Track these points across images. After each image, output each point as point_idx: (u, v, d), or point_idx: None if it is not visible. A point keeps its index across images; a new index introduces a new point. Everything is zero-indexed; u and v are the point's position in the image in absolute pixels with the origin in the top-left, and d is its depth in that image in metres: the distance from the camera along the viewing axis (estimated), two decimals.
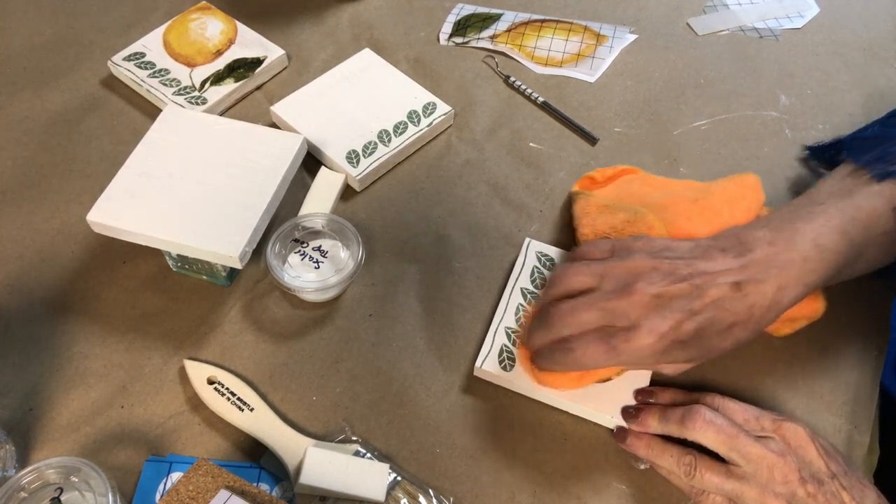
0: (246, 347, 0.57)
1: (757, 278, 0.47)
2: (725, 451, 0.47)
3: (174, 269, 0.61)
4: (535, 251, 0.61)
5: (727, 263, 0.48)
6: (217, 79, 0.73)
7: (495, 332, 0.57)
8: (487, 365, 0.55)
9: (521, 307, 0.58)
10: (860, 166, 0.53)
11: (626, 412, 0.52)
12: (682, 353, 0.47)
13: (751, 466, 0.46)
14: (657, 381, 0.55)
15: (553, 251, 0.61)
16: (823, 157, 0.67)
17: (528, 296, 0.59)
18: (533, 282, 0.60)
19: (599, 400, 0.53)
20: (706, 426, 0.47)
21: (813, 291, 0.50)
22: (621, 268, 0.50)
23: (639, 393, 0.53)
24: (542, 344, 0.51)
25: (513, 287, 0.59)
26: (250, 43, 0.76)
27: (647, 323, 0.46)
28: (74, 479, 0.46)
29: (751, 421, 0.49)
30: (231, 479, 0.48)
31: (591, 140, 0.71)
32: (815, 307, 0.56)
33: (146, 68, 0.73)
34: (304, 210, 0.63)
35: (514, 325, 0.57)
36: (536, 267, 0.60)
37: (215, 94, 0.71)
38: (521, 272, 0.60)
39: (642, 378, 0.54)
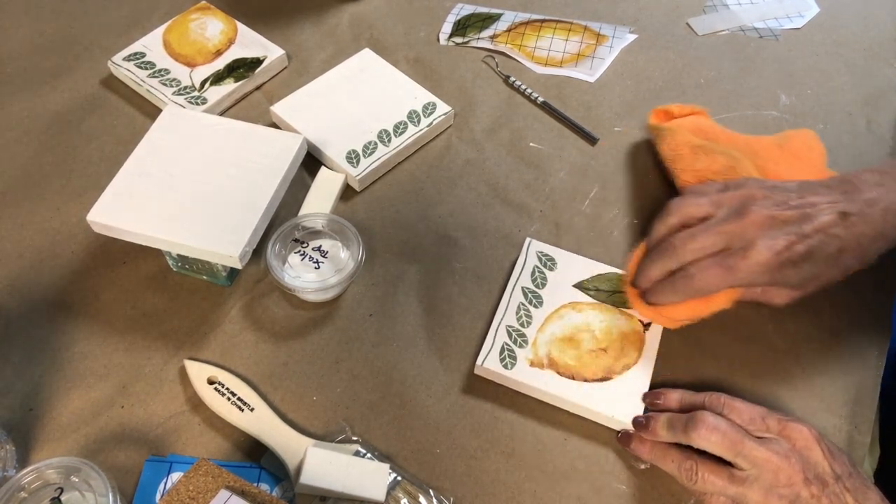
0: (246, 347, 0.57)
1: (863, 212, 0.50)
2: (731, 456, 0.47)
3: (174, 269, 0.61)
4: (535, 251, 0.61)
5: (834, 197, 0.51)
6: (217, 79, 0.73)
7: (496, 331, 0.57)
8: (489, 363, 0.55)
9: (522, 306, 0.58)
10: None
11: (636, 421, 0.52)
12: (794, 273, 0.49)
13: (755, 470, 0.46)
14: (659, 383, 0.55)
15: (553, 251, 0.61)
16: None
17: (530, 295, 0.59)
18: (534, 281, 0.60)
19: (600, 400, 0.53)
20: (710, 433, 0.48)
21: None
22: (736, 196, 0.52)
23: (646, 396, 0.54)
24: (659, 275, 0.53)
25: (514, 286, 0.59)
26: (250, 43, 0.76)
27: (763, 241, 0.49)
28: (75, 479, 0.46)
29: (756, 420, 0.49)
30: (231, 479, 0.48)
31: (591, 140, 0.71)
32: None
33: (146, 68, 0.73)
34: (304, 210, 0.63)
35: (515, 323, 0.57)
36: (537, 267, 0.60)
37: (215, 94, 0.71)
38: (521, 272, 0.60)
39: (643, 381, 0.55)
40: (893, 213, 0.50)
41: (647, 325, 0.57)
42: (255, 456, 0.52)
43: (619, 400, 0.53)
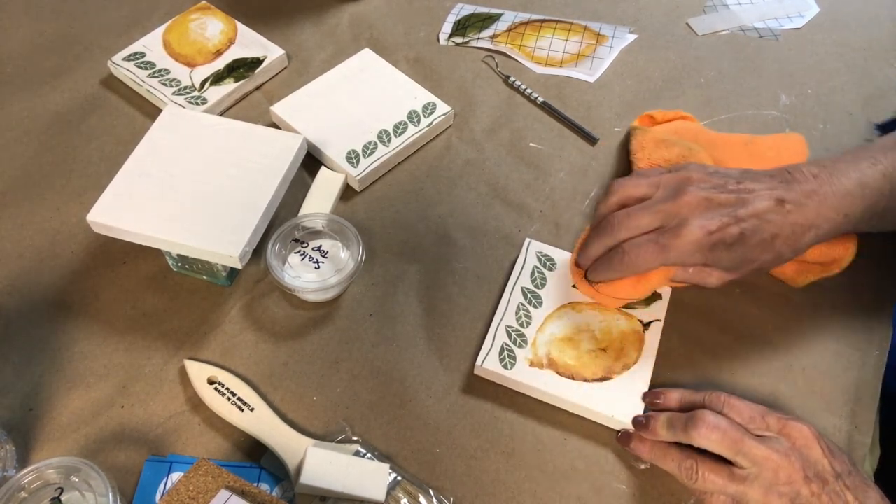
0: (246, 347, 0.57)
1: (799, 201, 0.51)
2: (731, 454, 0.47)
3: (174, 269, 0.61)
4: (535, 251, 0.61)
5: (772, 185, 0.52)
6: (217, 79, 0.73)
7: (496, 331, 0.57)
8: (488, 363, 0.55)
9: (521, 306, 0.58)
10: None
11: (636, 421, 0.52)
12: (726, 255, 0.50)
13: (755, 468, 0.46)
14: (659, 384, 0.55)
15: (553, 251, 0.61)
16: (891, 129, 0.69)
17: (529, 295, 0.59)
18: (533, 281, 0.60)
19: (600, 400, 0.53)
20: (710, 431, 0.48)
21: (851, 226, 0.52)
22: (675, 178, 0.53)
23: (646, 395, 0.54)
24: (598, 253, 0.54)
25: (514, 287, 0.59)
26: (250, 43, 0.76)
27: (696, 220, 0.49)
28: (75, 479, 0.46)
29: (756, 419, 0.49)
30: (231, 479, 0.48)
31: (591, 140, 0.71)
32: (838, 255, 0.58)
33: (146, 68, 0.73)
34: (304, 210, 0.63)
35: (515, 324, 0.57)
36: (537, 267, 0.60)
37: (215, 94, 0.71)
38: (521, 272, 0.60)
39: (642, 380, 0.55)
40: (827, 205, 0.51)
41: (647, 325, 0.57)
42: (255, 456, 0.52)
43: (618, 400, 0.53)
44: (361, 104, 0.70)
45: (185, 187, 0.58)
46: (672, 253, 0.50)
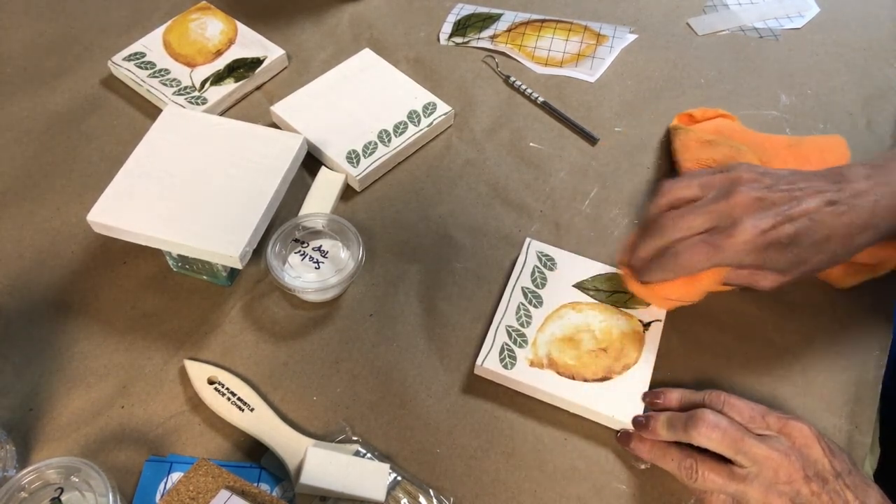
0: (246, 347, 0.57)
1: (852, 202, 0.50)
2: (731, 453, 0.47)
3: (174, 269, 0.61)
4: (535, 251, 0.61)
5: (824, 185, 0.51)
6: (217, 79, 0.73)
7: (496, 331, 0.57)
8: (489, 363, 0.55)
9: (522, 306, 0.58)
10: None
11: (636, 421, 0.52)
12: (779, 256, 0.50)
13: (755, 467, 0.46)
14: (659, 383, 0.55)
15: (553, 251, 0.61)
16: None
17: (530, 295, 0.59)
18: (534, 281, 0.60)
19: (600, 400, 0.53)
20: (710, 430, 0.48)
21: None
22: (726, 178, 0.53)
23: (646, 395, 0.54)
24: (649, 254, 0.53)
25: (514, 286, 0.59)
26: (250, 43, 0.76)
27: (749, 220, 0.49)
28: (75, 479, 0.46)
29: (756, 419, 0.49)
30: (231, 480, 0.47)
31: (592, 140, 0.71)
32: (886, 256, 0.58)
33: (146, 68, 0.73)
34: (304, 210, 0.63)
35: (515, 323, 0.57)
36: (537, 267, 0.60)
37: (215, 94, 0.71)
38: (521, 272, 0.60)
39: (642, 380, 0.55)
40: (882, 206, 0.50)
41: (647, 325, 0.57)
42: (255, 456, 0.52)
43: (619, 400, 0.53)
44: (361, 104, 0.70)
45: (185, 187, 0.58)
46: (725, 253, 0.49)
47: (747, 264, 0.51)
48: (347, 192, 0.67)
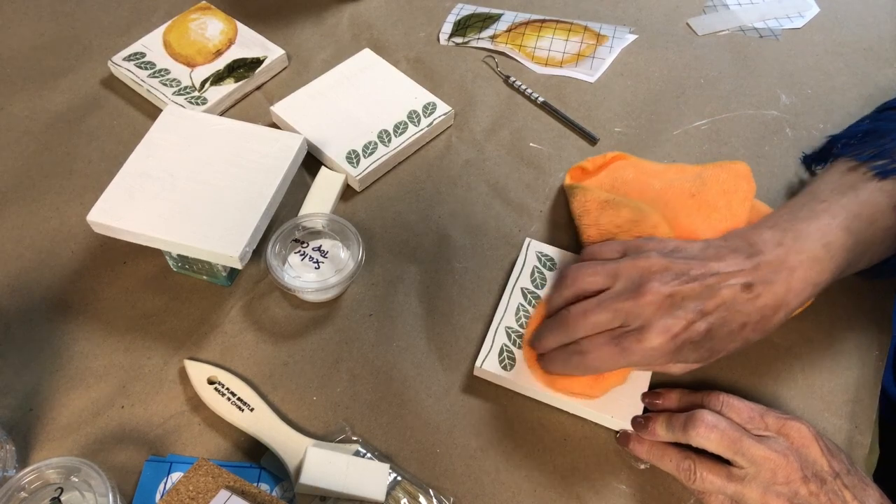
0: (246, 347, 0.57)
1: (768, 279, 0.48)
2: (729, 454, 0.47)
3: (174, 270, 0.61)
4: (535, 251, 0.61)
5: (739, 264, 0.49)
6: (217, 79, 0.73)
7: (495, 332, 0.57)
8: (488, 364, 0.55)
9: (521, 307, 0.58)
10: (860, 162, 0.54)
11: (635, 421, 0.52)
12: (692, 353, 0.48)
13: (754, 468, 0.46)
14: (659, 383, 0.55)
15: (553, 251, 0.61)
16: (819, 160, 0.66)
17: (529, 296, 0.59)
18: (533, 282, 0.60)
19: (600, 400, 0.53)
20: (709, 431, 0.47)
21: (821, 290, 0.50)
22: (634, 267, 0.50)
23: (646, 395, 0.54)
24: (553, 346, 0.52)
25: (513, 287, 0.59)
26: (250, 43, 0.76)
27: (659, 323, 0.47)
28: (75, 479, 0.46)
29: (755, 419, 0.49)
30: (231, 480, 0.48)
31: (592, 140, 0.71)
32: None
33: (146, 68, 0.73)
34: (304, 210, 0.63)
35: (514, 324, 0.57)
36: (537, 267, 0.60)
37: (215, 94, 0.71)
38: (521, 272, 0.60)
39: (643, 380, 0.54)
40: (796, 278, 0.48)
41: None
42: (255, 456, 0.52)
43: (618, 400, 0.53)
44: (361, 104, 0.70)
45: (185, 187, 0.58)
46: (634, 357, 0.47)
47: (657, 366, 0.50)
48: (347, 192, 0.67)
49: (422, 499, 0.50)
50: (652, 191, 0.62)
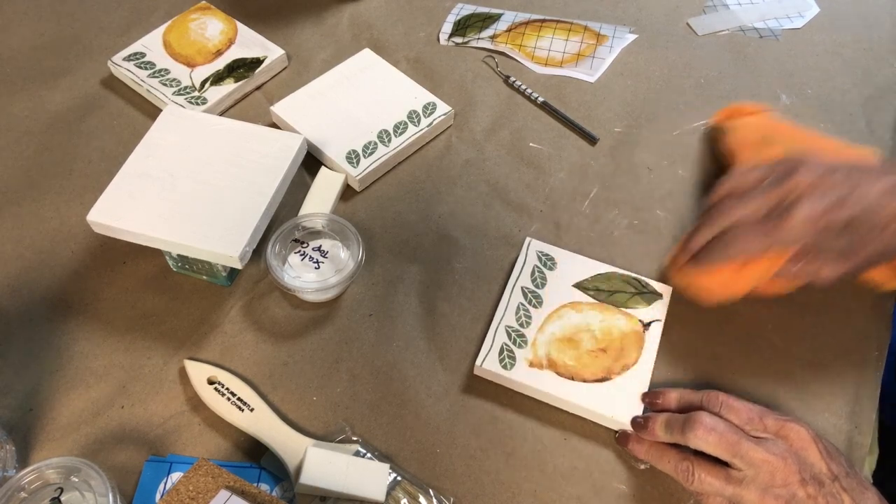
0: (246, 347, 0.57)
1: None
2: (728, 456, 0.47)
3: (174, 270, 0.61)
4: (535, 250, 0.61)
5: (885, 171, 0.51)
6: (217, 79, 0.73)
7: (496, 331, 0.57)
8: (488, 363, 0.55)
9: (521, 306, 0.58)
10: None
11: (635, 422, 0.52)
12: (835, 241, 0.50)
13: (752, 470, 0.46)
14: (658, 383, 0.55)
15: (553, 251, 0.61)
16: None
17: (529, 295, 0.59)
18: (534, 281, 0.60)
19: (599, 400, 0.53)
20: (707, 434, 0.47)
21: None
22: (786, 164, 0.53)
23: (646, 396, 0.54)
24: (704, 240, 0.54)
25: (513, 286, 0.59)
26: (250, 43, 0.76)
27: (804, 202, 0.49)
28: (75, 479, 0.46)
29: (754, 420, 0.49)
30: (231, 480, 0.48)
31: (592, 140, 0.71)
32: None
33: (146, 68, 0.73)
34: (304, 210, 0.63)
35: (514, 323, 0.57)
36: (537, 266, 0.60)
37: (215, 94, 0.71)
38: (521, 271, 0.60)
39: (642, 381, 0.55)
40: None
41: (647, 325, 0.57)
42: (255, 456, 0.52)
43: (618, 400, 0.53)
44: (361, 104, 0.70)
45: (185, 187, 0.58)
46: (780, 234, 0.50)
47: (801, 243, 0.51)
48: (347, 192, 0.67)
49: (422, 499, 0.50)
50: (803, 137, 0.65)
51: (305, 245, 0.61)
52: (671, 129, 0.72)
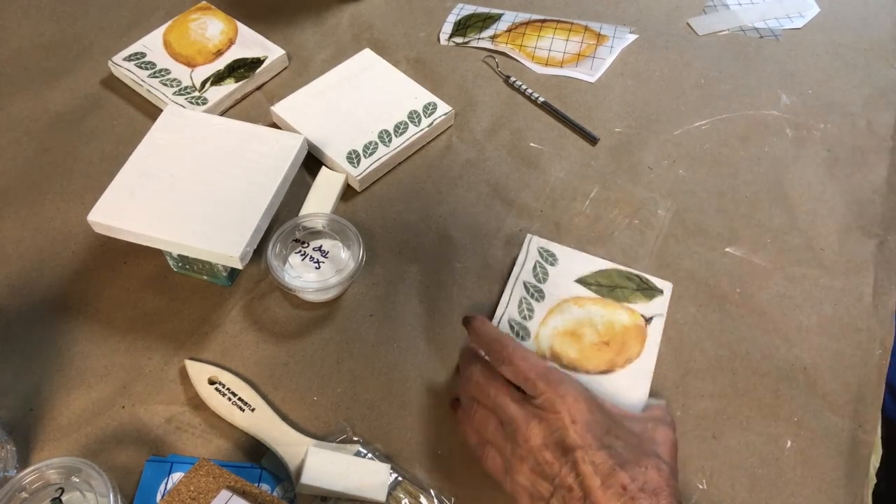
0: (247, 347, 0.57)
1: None
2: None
3: (175, 270, 0.61)
4: (536, 246, 0.61)
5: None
6: (217, 79, 0.73)
7: (498, 324, 0.56)
8: None
9: (524, 300, 0.58)
10: None
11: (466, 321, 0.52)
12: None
13: (510, 428, 0.46)
14: (661, 377, 0.55)
15: (554, 247, 0.62)
16: None
17: (531, 289, 0.59)
18: (535, 276, 0.60)
19: (603, 393, 0.53)
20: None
21: None
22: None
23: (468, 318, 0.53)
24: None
25: (515, 281, 0.59)
26: (250, 43, 0.76)
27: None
28: (75, 479, 0.46)
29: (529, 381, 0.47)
30: (232, 480, 0.47)
31: (592, 140, 0.71)
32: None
33: (146, 68, 0.73)
34: (304, 210, 0.63)
35: (517, 317, 0.57)
36: (538, 262, 0.61)
37: (215, 94, 0.71)
38: (523, 266, 0.60)
39: (645, 374, 0.54)
40: None
41: (649, 320, 0.57)
42: (256, 456, 0.52)
43: (621, 393, 0.53)
44: (362, 104, 0.70)
45: (185, 187, 0.58)
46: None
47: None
48: (347, 192, 0.67)
49: (423, 499, 0.50)
50: None
51: (306, 245, 0.60)
52: (671, 129, 0.72)
